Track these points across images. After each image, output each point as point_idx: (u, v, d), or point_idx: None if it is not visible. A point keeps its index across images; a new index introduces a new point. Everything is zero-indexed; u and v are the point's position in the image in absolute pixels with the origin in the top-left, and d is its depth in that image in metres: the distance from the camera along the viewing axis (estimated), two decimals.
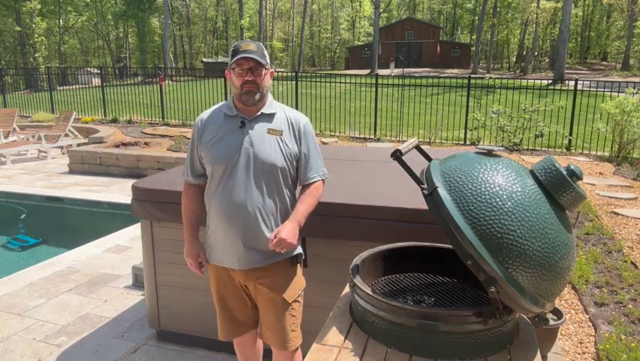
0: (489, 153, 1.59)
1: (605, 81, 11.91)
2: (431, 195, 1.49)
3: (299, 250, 2.22)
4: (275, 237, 1.99)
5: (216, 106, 2.23)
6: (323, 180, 2.22)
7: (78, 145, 10.89)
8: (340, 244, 2.72)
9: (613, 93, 10.72)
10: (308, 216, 2.13)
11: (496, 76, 22.45)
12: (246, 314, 2.30)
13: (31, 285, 4.31)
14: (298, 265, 2.23)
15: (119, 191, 7.82)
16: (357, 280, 1.70)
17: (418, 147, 1.84)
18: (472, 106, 11.98)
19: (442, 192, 1.47)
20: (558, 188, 1.46)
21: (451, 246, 1.52)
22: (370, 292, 1.60)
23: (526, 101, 11.38)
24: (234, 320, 2.30)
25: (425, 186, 1.54)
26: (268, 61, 2.08)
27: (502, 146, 10.28)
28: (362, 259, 1.87)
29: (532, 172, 1.52)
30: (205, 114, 2.20)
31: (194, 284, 3.12)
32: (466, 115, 11.13)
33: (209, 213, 2.17)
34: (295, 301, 2.21)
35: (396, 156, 1.62)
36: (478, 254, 1.37)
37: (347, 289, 1.98)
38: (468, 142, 10.87)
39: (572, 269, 1.49)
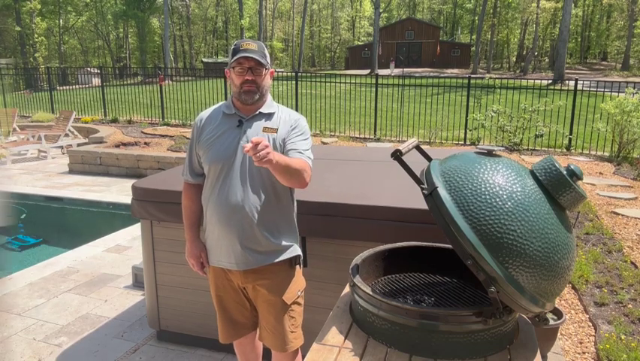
0: (489, 153, 1.59)
1: (605, 81, 11.91)
2: (431, 195, 1.49)
3: (297, 251, 2.19)
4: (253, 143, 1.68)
5: (216, 105, 2.22)
6: (308, 164, 2.03)
7: (78, 145, 10.89)
8: (340, 244, 2.72)
9: (613, 93, 10.73)
10: (283, 168, 1.85)
11: (496, 76, 22.44)
12: (245, 316, 2.29)
13: (31, 285, 4.31)
14: (297, 266, 2.21)
15: (119, 191, 7.82)
16: (357, 280, 1.70)
17: (418, 147, 1.84)
18: (472, 106, 11.98)
19: (442, 192, 1.47)
20: (558, 188, 1.46)
21: (451, 246, 1.51)
22: (370, 292, 1.60)
23: (526, 101, 11.38)
24: (234, 323, 2.29)
25: (425, 186, 1.54)
26: (269, 60, 2.07)
27: (502, 146, 10.28)
28: (362, 259, 1.87)
29: (532, 172, 1.52)
30: (205, 113, 2.19)
31: (194, 284, 3.12)
32: (466, 115, 11.14)
33: (206, 214, 2.15)
34: (294, 302, 2.19)
35: (397, 156, 1.62)
36: (478, 254, 1.37)
37: (347, 289, 1.98)
38: (468, 142, 10.87)
39: (572, 269, 1.49)
